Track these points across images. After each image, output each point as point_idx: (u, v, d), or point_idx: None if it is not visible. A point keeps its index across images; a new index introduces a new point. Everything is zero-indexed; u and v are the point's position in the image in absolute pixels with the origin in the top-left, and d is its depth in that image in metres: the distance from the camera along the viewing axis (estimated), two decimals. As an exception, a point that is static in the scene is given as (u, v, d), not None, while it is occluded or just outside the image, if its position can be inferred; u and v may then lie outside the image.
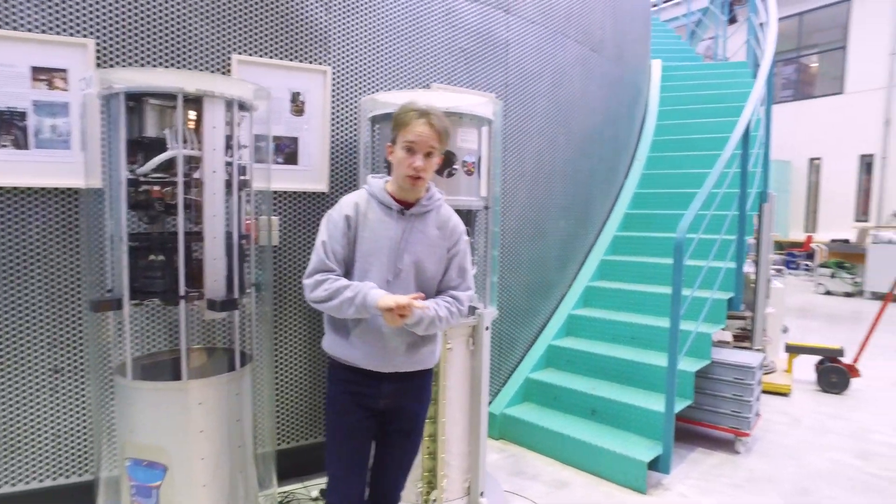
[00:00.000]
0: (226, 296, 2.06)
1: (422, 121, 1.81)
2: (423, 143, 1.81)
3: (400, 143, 1.83)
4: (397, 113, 1.87)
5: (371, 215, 1.88)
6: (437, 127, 1.83)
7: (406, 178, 1.84)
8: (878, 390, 4.94)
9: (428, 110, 1.84)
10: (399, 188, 1.90)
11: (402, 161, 1.83)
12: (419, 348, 1.95)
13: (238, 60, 2.68)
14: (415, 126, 1.81)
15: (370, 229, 1.87)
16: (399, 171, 1.85)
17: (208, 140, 1.95)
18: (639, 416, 3.35)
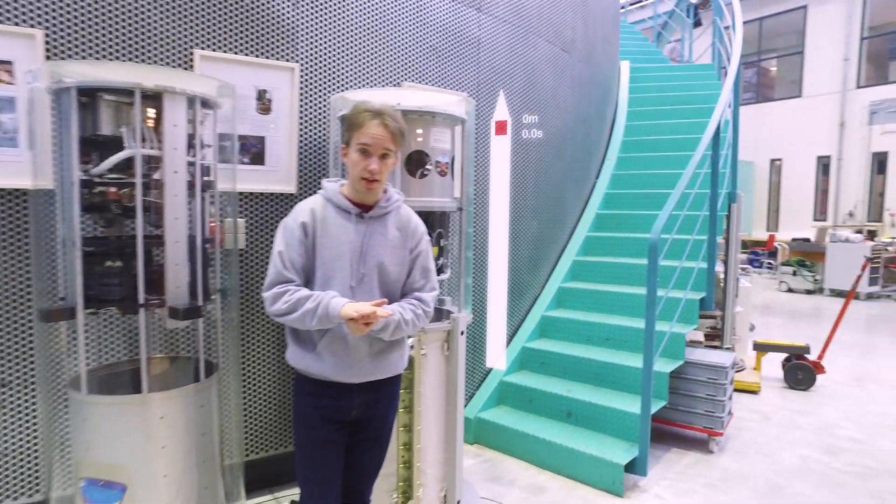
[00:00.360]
0: (189, 303, 1.95)
1: (375, 122, 1.74)
2: (377, 144, 1.75)
3: (354, 145, 1.76)
4: (350, 114, 1.79)
5: (329, 221, 1.81)
6: (391, 128, 1.76)
7: (361, 181, 1.78)
8: (841, 385, 5.05)
9: (382, 110, 1.76)
10: (355, 191, 1.83)
11: (357, 164, 1.76)
12: (387, 355, 1.89)
13: (201, 56, 2.56)
14: (369, 127, 1.74)
15: (329, 235, 1.80)
16: (354, 173, 1.79)
17: (169, 139, 1.84)
18: (614, 418, 3.33)
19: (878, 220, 13.09)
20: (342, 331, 1.79)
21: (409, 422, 2.44)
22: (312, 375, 1.83)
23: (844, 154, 13.64)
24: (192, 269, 1.98)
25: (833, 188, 13.76)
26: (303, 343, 1.84)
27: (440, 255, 2.52)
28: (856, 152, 13.49)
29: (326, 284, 1.79)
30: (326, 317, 1.69)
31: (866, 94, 13.28)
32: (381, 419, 1.96)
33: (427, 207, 2.45)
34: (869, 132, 13.28)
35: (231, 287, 2.35)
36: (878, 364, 5.80)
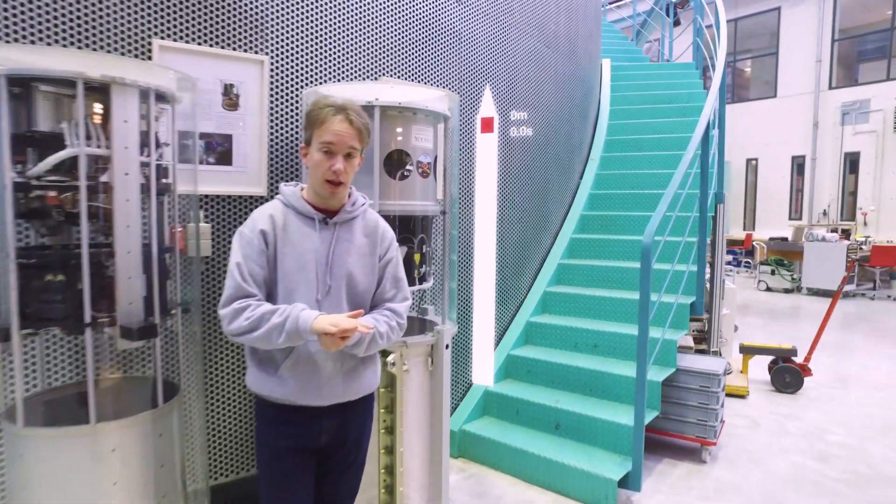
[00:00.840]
0: (143, 321, 1.74)
1: (339, 117, 1.58)
2: (342, 143, 1.59)
3: (316, 144, 1.60)
4: (310, 110, 1.63)
5: (290, 228, 1.63)
6: (356, 124, 1.61)
7: (325, 183, 1.61)
8: (826, 387, 5.00)
9: (345, 105, 1.61)
10: (318, 195, 1.66)
11: (320, 164, 1.60)
12: (360, 372, 1.73)
13: (160, 46, 2.33)
14: (332, 124, 1.58)
15: (291, 244, 1.62)
16: (316, 175, 1.62)
17: (118, 136, 1.63)
18: (606, 430, 3.19)
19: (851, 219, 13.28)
20: (309, 349, 1.61)
21: (392, 443, 2.26)
22: (276, 400, 1.65)
23: (818, 154, 13.81)
24: (148, 282, 1.77)
25: (808, 187, 13.92)
26: (264, 365, 1.65)
27: (422, 263, 2.35)
28: (829, 152, 13.67)
29: (290, 298, 1.61)
30: (296, 332, 1.51)
31: (838, 95, 13.46)
32: (355, 441, 1.79)
33: (408, 211, 2.27)
34: (841, 132, 13.46)
35: (193, 299, 2.15)
36: (860, 364, 5.78)
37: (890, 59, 12.98)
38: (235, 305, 1.54)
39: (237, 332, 1.54)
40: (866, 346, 6.57)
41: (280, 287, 1.61)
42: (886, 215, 12.78)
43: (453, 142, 2.44)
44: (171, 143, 1.89)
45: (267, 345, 1.54)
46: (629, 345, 3.64)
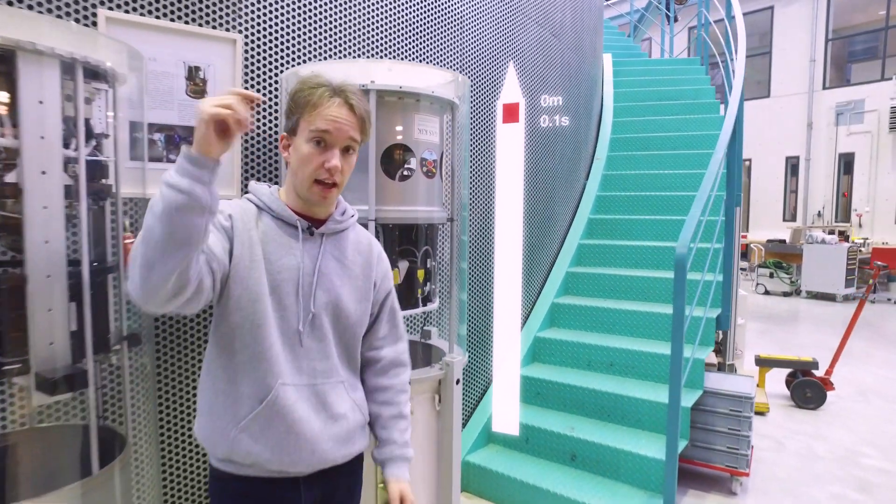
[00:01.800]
0: (70, 366, 1.33)
1: (337, 101, 1.21)
2: (340, 133, 1.20)
3: (305, 131, 1.21)
4: (298, 89, 1.24)
5: (266, 235, 1.23)
6: (358, 110, 1.23)
7: (314, 184, 1.22)
8: (848, 401, 4.69)
9: (344, 86, 1.23)
10: (299, 199, 1.27)
11: (309, 159, 1.20)
12: (354, 429, 1.34)
13: (107, 18, 1.92)
14: (328, 108, 1.20)
15: (266, 255, 1.22)
16: (303, 173, 1.21)
17: (30, 123, 1.22)
18: (630, 463, 2.82)
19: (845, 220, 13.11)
20: (286, 397, 1.21)
21: (391, 500, 1.86)
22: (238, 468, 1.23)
23: (812, 154, 13.64)
24: (79, 314, 1.37)
25: (802, 189, 13.74)
26: (220, 411, 1.23)
27: (426, 280, 1.95)
28: (823, 153, 13.50)
29: (254, 331, 1.20)
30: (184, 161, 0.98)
31: (832, 95, 13.31)
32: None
33: (410, 219, 1.88)
34: (835, 133, 13.29)
35: (145, 327, 1.74)
36: (875, 374, 5.48)
37: (884, 59, 12.83)
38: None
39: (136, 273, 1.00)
40: (876, 353, 6.29)
41: (247, 311, 1.19)
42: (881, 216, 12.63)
43: (464, 135, 2.05)
44: (112, 135, 1.48)
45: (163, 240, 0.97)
46: (648, 363, 3.29)
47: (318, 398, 1.26)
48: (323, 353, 1.27)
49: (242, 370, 1.21)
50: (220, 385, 1.23)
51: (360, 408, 1.36)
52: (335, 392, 1.28)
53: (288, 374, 1.22)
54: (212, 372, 1.25)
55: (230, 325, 1.21)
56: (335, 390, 1.29)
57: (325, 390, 1.27)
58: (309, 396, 1.25)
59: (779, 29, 14.09)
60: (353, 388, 1.35)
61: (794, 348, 6.48)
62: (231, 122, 0.98)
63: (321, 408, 1.26)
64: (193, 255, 1.03)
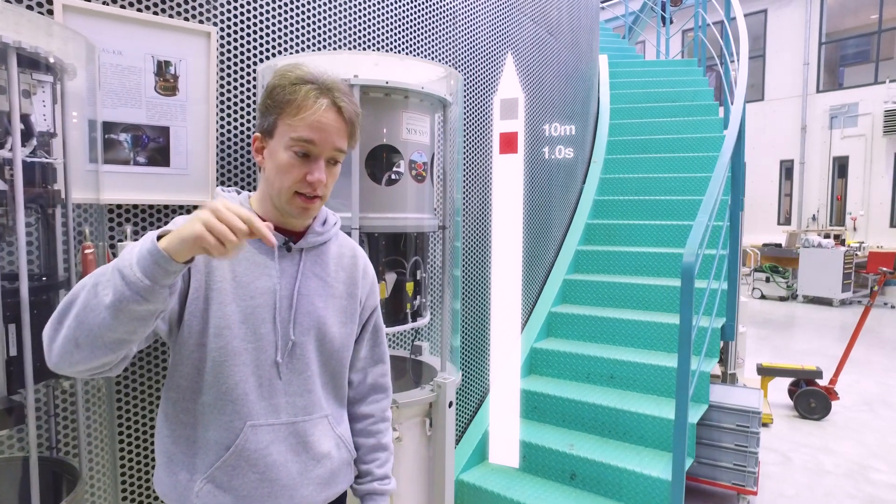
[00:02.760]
0: (4, 398, 1.16)
1: (324, 102, 1.02)
2: (326, 141, 1.02)
3: (284, 136, 1.02)
4: (276, 83, 1.04)
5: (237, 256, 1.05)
6: (347, 113, 1.05)
7: (294, 197, 1.04)
8: (854, 411, 4.55)
9: (332, 85, 1.04)
10: (275, 209, 1.08)
11: (289, 170, 1.02)
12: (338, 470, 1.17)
13: (65, 6, 1.75)
14: (313, 111, 1.01)
15: (235, 279, 1.05)
16: (281, 184, 1.03)
17: (-47, 117, 1.06)
18: (633, 483, 2.66)
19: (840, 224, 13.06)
20: (258, 438, 1.05)
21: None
22: None
23: (807, 158, 13.60)
24: (18, 340, 1.20)
25: (797, 192, 13.69)
26: (179, 463, 1.06)
27: (416, 294, 1.79)
28: (817, 156, 13.46)
29: (219, 368, 1.03)
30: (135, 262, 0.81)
31: (826, 99, 13.28)
32: None
33: (398, 227, 1.72)
34: (829, 136, 13.26)
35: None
36: (881, 383, 5.35)
37: (878, 62, 12.81)
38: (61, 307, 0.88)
39: (48, 339, 0.87)
40: (878, 360, 6.18)
41: (216, 343, 1.03)
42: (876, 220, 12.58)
43: (457, 135, 1.89)
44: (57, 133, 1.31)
45: (92, 329, 0.83)
46: (650, 375, 3.13)
47: (298, 438, 1.09)
48: (304, 387, 1.10)
49: (206, 413, 1.05)
50: (180, 431, 1.07)
51: (346, 443, 1.20)
52: (318, 429, 1.12)
53: (260, 413, 1.06)
54: (171, 417, 1.08)
55: (190, 363, 1.04)
56: (318, 427, 1.12)
57: (305, 429, 1.10)
58: (287, 437, 1.08)
59: (772, 32, 14.07)
60: (338, 421, 1.19)
61: (793, 355, 6.36)
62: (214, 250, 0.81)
63: (301, 449, 1.10)
64: (131, 345, 0.89)
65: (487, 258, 3.22)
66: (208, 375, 1.04)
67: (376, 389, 1.27)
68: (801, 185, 13.63)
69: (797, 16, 13.63)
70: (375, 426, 1.26)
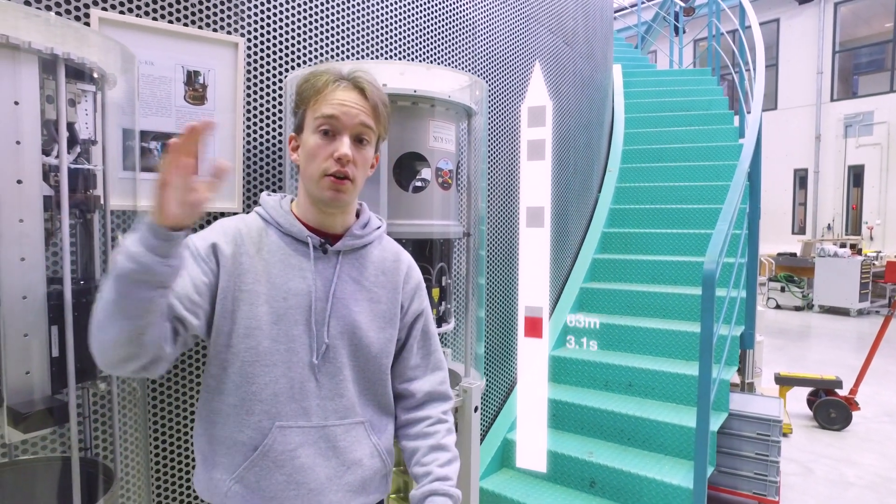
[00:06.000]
0: (48, 397, 1.19)
1: (343, 84, 1.07)
2: (349, 116, 1.04)
3: (311, 123, 1.06)
4: (303, 79, 1.10)
5: (269, 256, 1.08)
6: (371, 95, 1.08)
7: (323, 179, 1.04)
8: (875, 422, 4.50)
9: (354, 72, 1.09)
10: (313, 207, 1.11)
11: (317, 151, 1.05)
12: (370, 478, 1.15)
13: (101, 19, 1.80)
14: (334, 92, 1.06)
15: (268, 280, 1.06)
16: (312, 169, 1.06)
17: (4, 126, 1.09)
18: (654, 491, 2.65)
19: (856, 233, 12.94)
20: (286, 440, 1.06)
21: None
22: None
23: (821, 167, 13.51)
24: (61, 339, 1.23)
25: (811, 201, 13.60)
26: (213, 463, 1.08)
27: (441, 299, 1.81)
28: (831, 165, 13.37)
29: (248, 368, 1.05)
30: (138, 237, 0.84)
31: (840, 108, 13.21)
32: None
33: (424, 234, 1.74)
34: (844, 145, 13.17)
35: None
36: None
37: (893, 71, 12.72)
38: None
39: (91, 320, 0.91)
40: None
41: (248, 343, 1.05)
42: (892, 229, 12.46)
43: (481, 143, 1.92)
44: (99, 141, 1.35)
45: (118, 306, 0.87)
46: (669, 383, 3.12)
47: (329, 442, 1.09)
48: (336, 391, 1.10)
49: (234, 413, 1.06)
50: (211, 430, 1.08)
51: (383, 454, 1.17)
52: (351, 435, 1.11)
53: (290, 415, 1.06)
54: (204, 417, 1.10)
55: (218, 363, 1.07)
56: (351, 433, 1.11)
57: (336, 433, 1.10)
58: (317, 440, 1.08)
59: (785, 41, 14.03)
60: (376, 430, 1.16)
61: (810, 365, 6.30)
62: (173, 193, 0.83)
63: (331, 453, 1.09)
64: (144, 328, 0.91)
65: (510, 265, 3.24)
66: (236, 376, 1.06)
67: (434, 397, 1.23)
68: (816, 194, 13.54)
69: (810, 25, 13.59)
70: (432, 427, 1.20)
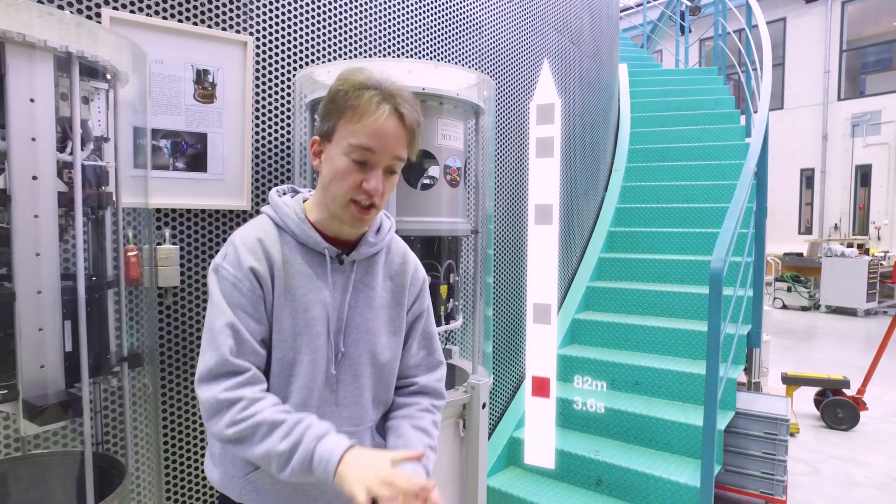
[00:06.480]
0: (62, 391, 1.20)
1: (387, 108, 1.00)
2: (386, 150, 1.01)
3: (343, 142, 1.01)
4: (340, 88, 1.02)
5: (290, 267, 1.07)
6: (409, 121, 1.03)
7: (350, 205, 1.03)
8: (883, 422, 4.48)
9: (395, 91, 1.02)
10: (332, 218, 1.08)
11: (346, 177, 1.02)
12: None
13: (112, 18, 1.82)
14: (376, 119, 0.99)
15: (290, 291, 1.06)
16: (337, 190, 1.03)
17: (19, 123, 1.11)
18: (660, 489, 2.65)
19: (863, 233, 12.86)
20: None
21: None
22: None
23: (828, 167, 13.43)
24: (74, 333, 1.25)
25: (818, 201, 13.52)
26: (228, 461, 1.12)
27: (449, 296, 1.82)
28: (838, 165, 13.29)
29: (287, 375, 1.07)
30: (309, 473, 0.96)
31: (847, 107, 13.12)
32: None
33: (432, 231, 1.75)
34: (851, 144, 13.09)
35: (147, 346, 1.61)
36: (910, 393, 5.26)
37: (902, 69, 12.65)
38: (219, 395, 0.98)
39: (220, 438, 1.00)
40: (908, 371, 6.07)
41: (275, 355, 1.06)
42: (901, 229, 12.38)
43: (489, 142, 1.92)
44: (112, 138, 1.37)
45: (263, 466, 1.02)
46: (676, 382, 3.12)
47: None
48: (352, 399, 1.12)
49: None
50: None
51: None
52: (362, 440, 1.14)
53: None
54: None
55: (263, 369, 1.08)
56: (362, 438, 1.14)
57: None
58: None
59: (791, 40, 13.96)
60: (379, 431, 1.20)
61: (817, 365, 6.27)
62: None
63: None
64: None
65: (518, 263, 3.25)
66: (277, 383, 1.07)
67: (427, 391, 1.23)
68: (823, 193, 13.46)
69: (817, 24, 13.52)
70: (420, 413, 1.18)
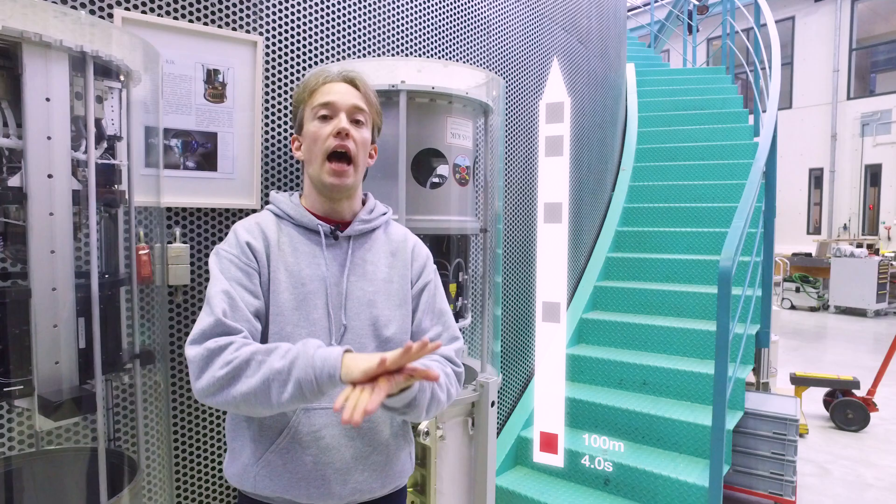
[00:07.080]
0: (76, 387, 1.21)
1: (334, 76, 1.18)
2: (343, 99, 1.15)
3: (309, 114, 1.17)
4: (296, 88, 1.24)
5: (286, 247, 1.13)
6: (361, 85, 1.19)
7: (326, 164, 1.13)
8: (892, 423, 4.46)
9: (342, 69, 1.21)
10: (320, 196, 1.18)
11: (317, 136, 1.13)
12: (393, 455, 1.19)
13: (124, 18, 1.84)
14: (328, 85, 1.17)
15: (286, 269, 1.11)
16: (314, 154, 1.14)
17: (35, 122, 1.12)
18: (668, 489, 2.64)
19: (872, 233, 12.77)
20: (311, 421, 1.09)
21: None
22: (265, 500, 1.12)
23: (837, 166, 13.35)
24: (87, 330, 1.26)
25: (826, 201, 13.44)
26: (241, 449, 1.13)
27: (458, 295, 1.82)
28: (848, 164, 13.20)
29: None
30: (314, 382, 0.94)
31: (857, 106, 13.03)
32: None
33: (442, 229, 1.76)
34: (861, 144, 13.00)
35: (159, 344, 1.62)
36: (920, 395, 5.22)
37: (911, 68, 12.55)
38: (209, 344, 0.99)
39: (210, 388, 0.97)
40: (918, 372, 6.01)
41: (271, 329, 1.10)
42: (911, 229, 12.29)
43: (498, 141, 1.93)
44: (125, 137, 1.38)
45: (259, 407, 0.98)
46: (684, 381, 3.11)
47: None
48: None
49: None
50: (240, 418, 1.12)
51: (406, 433, 1.22)
52: (374, 416, 1.13)
53: None
54: None
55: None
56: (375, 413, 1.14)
57: None
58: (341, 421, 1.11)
59: (800, 39, 13.88)
60: None
61: (826, 366, 6.24)
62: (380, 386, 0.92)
63: (356, 433, 1.13)
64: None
65: (526, 262, 3.25)
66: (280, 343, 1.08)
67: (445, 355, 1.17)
68: (832, 193, 13.38)
69: (826, 22, 13.44)
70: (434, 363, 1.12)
